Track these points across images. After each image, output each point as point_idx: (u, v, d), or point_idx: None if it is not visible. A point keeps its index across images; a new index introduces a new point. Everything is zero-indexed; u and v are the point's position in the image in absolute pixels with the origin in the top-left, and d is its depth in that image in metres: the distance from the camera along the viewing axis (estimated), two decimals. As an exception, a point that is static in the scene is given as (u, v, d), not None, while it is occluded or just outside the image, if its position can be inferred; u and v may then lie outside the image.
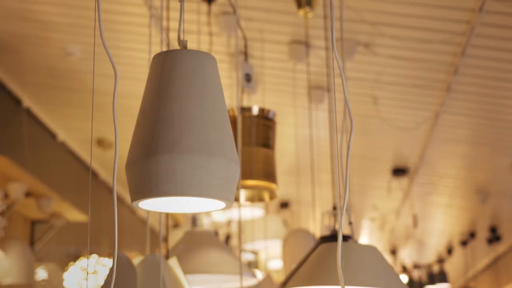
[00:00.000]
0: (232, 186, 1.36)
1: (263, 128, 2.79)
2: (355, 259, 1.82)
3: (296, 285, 1.87)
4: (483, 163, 6.22)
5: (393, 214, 8.04)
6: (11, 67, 5.03)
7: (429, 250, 9.98)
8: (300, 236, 4.09)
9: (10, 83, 5.24)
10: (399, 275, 6.42)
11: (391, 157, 6.24)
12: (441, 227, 8.83)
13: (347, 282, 1.73)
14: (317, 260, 1.88)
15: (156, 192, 1.29)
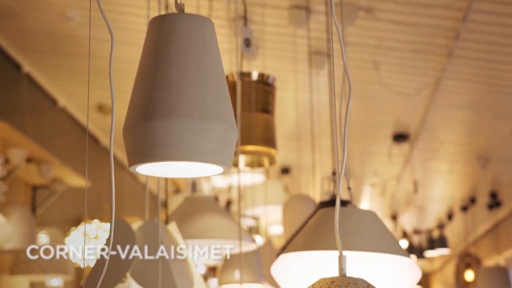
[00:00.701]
0: (230, 151, 1.36)
1: (263, 94, 2.78)
2: (353, 224, 1.83)
3: (295, 250, 1.88)
4: (483, 129, 6.21)
5: (394, 180, 8.05)
6: (11, 32, 5.00)
7: (429, 216, 10.01)
8: (300, 201, 4.10)
9: (9, 49, 5.22)
10: (398, 240, 6.43)
11: (392, 123, 6.24)
12: (442, 192, 8.85)
13: (345, 247, 1.74)
14: (315, 225, 1.89)
15: (153, 156, 1.29)
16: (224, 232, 2.61)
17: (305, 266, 1.95)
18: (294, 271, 1.97)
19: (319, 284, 1.39)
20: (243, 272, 3.46)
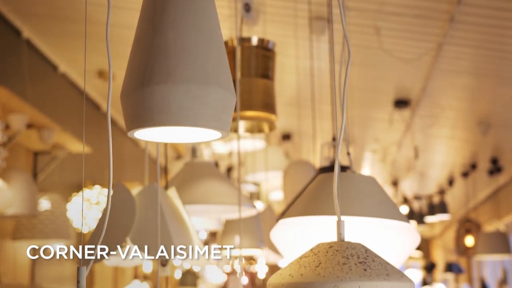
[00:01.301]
0: (228, 116, 1.36)
1: (263, 59, 2.77)
2: (352, 190, 1.83)
3: (293, 215, 1.88)
4: (485, 94, 6.20)
5: (395, 146, 8.05)
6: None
7: (430, 182, 10.03)
8: (300, 167, 4.10)
9: (9, 14, 5.19)
10: (399, 206, 6.45)
11: (393, 89, 6.22)
12: (442, 158, 8.86)
13: (344, 212, 1.74)
14: (314, 191, 1.89)
15: (151, 122, 1.29)
16: (223, 198, 2.62)
17: (304, 231, 1.96)
18: (293, 236, 1.98)
19: (318, 249, 1.39)
20: (243, 237, 3.47)
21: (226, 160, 7.24)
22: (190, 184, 2.61)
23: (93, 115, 6.89)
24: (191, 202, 2.56)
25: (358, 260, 1.35)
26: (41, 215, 4.99)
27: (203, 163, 2.80)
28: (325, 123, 5.22)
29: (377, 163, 9.24)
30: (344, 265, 1.32)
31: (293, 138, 7.67)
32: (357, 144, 8.00)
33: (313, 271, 1.32)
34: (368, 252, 1.38)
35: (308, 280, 1.30)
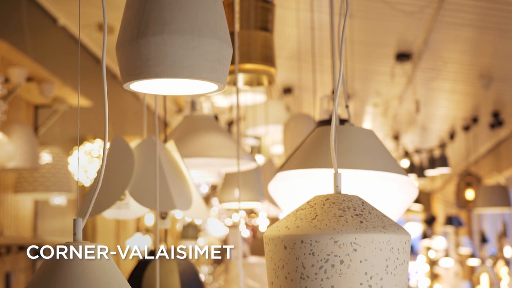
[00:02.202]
0: (225, 68, 1.35)
1: (262, 11, 2.74)
2: (350, 142, 1.83)
3: (291, 168, 1.88)
4: (487, 48, 6.15)
5: (396, 99, 8.03)
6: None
7: (431, 135, 10.03)
8: (301, 120, 4.09)
9: (7, -34, 5.14)
10: (400, 160, 6.44)
11: (395, 42, 6.17)
12: (444, 112, 8.85)
13: (341, 164, 1.74)
14: (312, 144, 1.89)
15: (147, 73, 1.28)
16: (223, 151, 2.62)
17: (302, 184, 1.96)
18: (291, 188, 1.99)
19: (314, 201, 1.40)
20: (242, 190, 3.48)
21: (227, 114, 7.24)
22: (189, 137, 2.61)
23: (94, 68, 6.86)
24: (190, 155, 2.56)
25: (354, 212, 1.35)
26: (42, 169, 5.01)
27: (202, 117, 2.79)
28: (325, 76, 5.20)
29: (378, 117, 9.23)
30: (340, 218, 1.33)
31: (294, 92, 7.65)
32: (358, 98, 7.98)
33: (309, 223, 1.33)
34: (364, 205, 1.38)
35: (304, 232, 1.31)
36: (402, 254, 1.36)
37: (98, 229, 7.08)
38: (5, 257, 4.99)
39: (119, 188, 1.99)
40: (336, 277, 1.29)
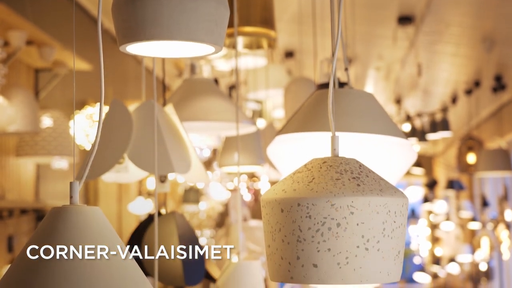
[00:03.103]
0: (221, 30, 1.34)
1: (261, -27, 2.71)
2: (348, 105, 1.82)
3: (290, 131, 1.88)
4: (490, 10, 6.11)
5: (398, 63, 8.00)
6: None
7: (433, 99, 10.00)
8: (301, 84, 4.08)
9: None
10: (401, 123, 6.43)
11: (397, 5, 6.13)
12: (446, 76, 8.81)
13: (339, 128, 1.74)
14: (310, 107, 1.88)
15: (143, 35, 1.27)
16: (222, 114, 2.61)
17: (300, 148, 1.96)
18: (289, 152, 1.99)
19: (311, 164, 1.39)
20: (242, 154, 3.48)
21: (228, 78, 7.21)
22: (188, 101, 2.60)
23: (95, 32, 6.82)
24: (189, 118, 2.56)
25: (351, 175, 1.35)
26: (43, 132, 5.01)
27: (202, 80, 2.78)
28: (327, 40, 5.16)
29: (380, 81, 9.20)
30: (337, 181, 1.33)
31: (296, 56, 7.61)
32: (360, 62, 7.95)
33: (306, 186, 1.33)
34: (362, 168, 1.38)
35: (301, 195, 1.31)
36: (399, 217, 1.36)
37: (100, 193, 7.10)
38: (8, 221, 5.02)
39: (118, 152, 1.99)
40: (332, 240, 1.30)
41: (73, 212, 1.10)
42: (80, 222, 1.09)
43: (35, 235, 1.10)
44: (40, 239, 1.08)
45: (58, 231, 1.08)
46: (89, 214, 1.11)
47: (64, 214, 1.10)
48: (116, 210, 7.64)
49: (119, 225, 7.57)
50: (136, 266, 1.13)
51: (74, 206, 1.12)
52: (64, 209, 1.11)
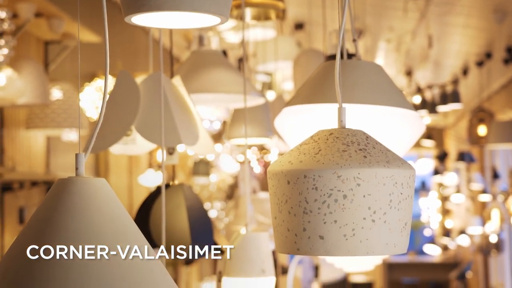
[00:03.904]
0: (227, 0, 1.33)
1: None
2: (356, 77, 1.81)
3: (297, 103, 1.87)
4: (502, -19, 6.04)
5: (409, 35, 7.94)
6: None
7: (444, 71, 9.94)
8: (310, 56, 4.06)
9: None
10: (412, 96, 6.39)
11: (408, -24, 6.07)
12: (457, 47, 8.75)
13: (346, 99, 1.73)
14: (318, 79, 1.87)
15: (148, 6, 1.26)
16: (230, 86, 2.60)
17: (307, 120, 1.95)
18: (297, 124, 1.98)
19: (318, 136, 1.39)
20: (251, 126, 3.47)
21: (237, 50, 7.18)
22: (196, 73, 2.59)
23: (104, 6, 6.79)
24: (197, 90, 2.55)
25: (358, 147, 1.34)
26: (53, 105, 5.02)
27: (210, 52, 2.76)
28: (337, 11, 5.12)
29: (391, 53, 9.14)
30: (344, 152, 1.32)
31: (306, 27, 7.57)
32: (370, 34, 7.90)
33: (312, 158, 1.32)
34: (368, 139, 1.37)
35: (307, 167, 1.30)
36: (406, 188, 1.35)
37: (110, 165, 7.13)
38: (19, 192, 5.05)
39: (125, 124, 1.98)
40: (339, 211, 1.29)
41: (78, 183, 1.11)
42: (85, 193, 1.10)
43: (41, 206, 1.10)
44: (45, 211, 1.09)
45: (64, 203, 1.08)
46: (94, 186, 1.11)
47: (69, 186, 1.10)
48: (127, 182, 7.67)
49: (130, 197, 7.61)
50: (144, 241, 1.13)
51: (80, 177, 1.12)
52: (70, 180, 1.11)
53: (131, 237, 1.10)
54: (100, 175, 6.79)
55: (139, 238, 1.11)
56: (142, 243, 1.11)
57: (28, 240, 1.06)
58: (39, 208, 1.10)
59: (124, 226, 1.10)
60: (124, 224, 1.10)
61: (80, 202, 1.08)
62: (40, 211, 1.10)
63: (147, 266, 1.08)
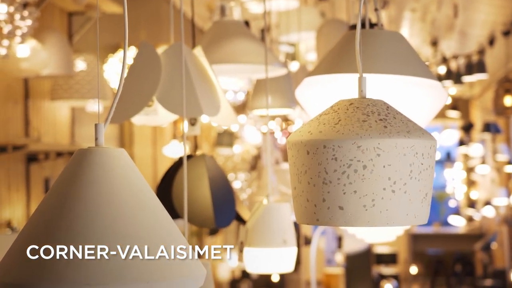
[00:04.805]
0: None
1: None
2: (377, 46, 1.79)
3: (318, 73, 1.86)
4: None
5: (435, 4, 7.84)
6: None
7: (470, 41, 9.82)
8: (334, 26, 4.02)
9: None
10: (437, 66, 6.33)
11: None
12: (483, 17, 8.63)
13: (368, 69, 1.71)
14: (340, 48, 1.86)
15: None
16: (252, 57, 2.59)
17: (328, 90, 1.94)
18: (318, 94, 1.97)
19: (338, 106, 1.38)
20: (273, 97, 3.46)
21: (260, 21, 7.14)
22: (218, 43, 2.58)
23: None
24: (219, 61, 2.54)
25: (378, 117, 1.33)
26: (77, 76, 5.05)
27: (232, 22, 2.75)
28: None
29: (416, 23, 9.04)
30: (364, 122, 1.31)
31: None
32: (395, 4, 7.81)
33: (332, 128, 1.31)
34: (389, 109, 1.36)
35: (326, 137, 1.30)
36: (427, 159, 1.34)
37: (135, 136, 7.17)
38: (44, 163, 5.10)
39: (147, 94, 1.99)
40: (359, 182, 1.29)
41: (97, 153, 1.11)
42: (104, 163, 1.10)
43: (61, 176, 1.11)
44: (65, 180, 1.10)
45: (83, 172, 1.09)
46: (114, 156, 1.12)
47: (89, 156, 1.11)
48: (151, 153, 7.71)
49: (154, 168, 7.65)
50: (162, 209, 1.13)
51: (99, 147, 1.13)
52: (89, 150, 1.12)
53: (150, 207, 1.10)
54: (124, 146, 6.83)
55: (157, 208, 1.12)
56: (161, 213, 1.12)
57: (48, 209, 1.07)
58: (59, 178, 1.11)
59: (143, 196, 1.11)
60: (143, 194, 1.11)
61: (99, 172, 1.09)
62: (60, 180, 1.10)
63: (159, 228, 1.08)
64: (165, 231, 1.10)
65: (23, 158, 4.90)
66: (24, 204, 4.89)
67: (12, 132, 4.74)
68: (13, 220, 4.63)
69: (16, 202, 4.78)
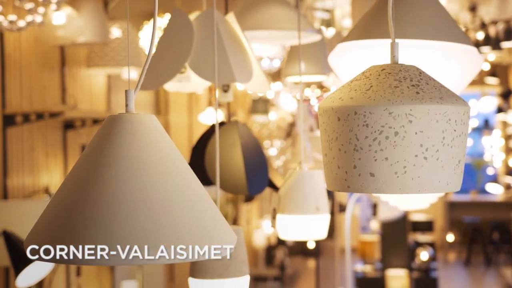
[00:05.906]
0: None
1: None
2: (411, 11, 1.76)
3: (350, 39, 1.84)
4: None
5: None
6: None
7: (509, 6, 9.64)
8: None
9: None
10: (476, 32, 6.21)
11: None
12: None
13: (400, 35, 1.69)
14: (372, 14, 1.83)
15: None
16: (285, 23, 2.57)
17: (361, 56, 1.92)
18: (351, 60, 1.95)
19: (369, 72, 1.36)
20: (307, 63, 3.44)
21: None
22: (251, 10, 2.56)
23: None
24: (252, 27, 2.53)
25: (410, 83, 1.31)
26: (112, 43, 5.06)
27: (265, -12, 2.72)
28: None
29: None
30: (395, 88, 1.30)
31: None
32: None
33: (363, 94, 1.30)
34: (422, 75, 1.34)
35: (358, 104, 1.29)
36: (460, 125, 1.32)
37: (170, 103, 7.19)
38: (81, 130, 5.14)
39: (179, 61, 1.99)
40: (390, 148, 1.27)
41: (128, 120, 1.12)
42: (134, 129, 1.11)
43: (92, 142, 1.12)
44: (96, 147, 1.11)
45: (113, 139, 1.10)
46: (144, 122, 1.12)
47: (119, 122, 1.12)
48: (187, 120, 7.74)
49: (190, 135, 7.69)
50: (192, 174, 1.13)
51: (129, 114, 1.13)
52: (120, 117, 1.12)
53: (179, 173, 1.11)
54: (160, 113, 6.86)
55: (187, 174, 1.12)
56: (190, 178, 1.12)
57: (80, 174, 1.08)
58: (91, 144, 1.12)
59: (173, 162, 1.11)
60: (172, 159, 1.11)
61: (129, 138, 1.09)
62: (91, 146, 1.11)
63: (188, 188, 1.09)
64: (195, 197, 1.11)
65: (60, 125, 4.95)
66: (62, 170, 4.95)
67: (49, 100, 4.78)
68: (51, 186, 4.69)
69: (54, 168, 4.84)
